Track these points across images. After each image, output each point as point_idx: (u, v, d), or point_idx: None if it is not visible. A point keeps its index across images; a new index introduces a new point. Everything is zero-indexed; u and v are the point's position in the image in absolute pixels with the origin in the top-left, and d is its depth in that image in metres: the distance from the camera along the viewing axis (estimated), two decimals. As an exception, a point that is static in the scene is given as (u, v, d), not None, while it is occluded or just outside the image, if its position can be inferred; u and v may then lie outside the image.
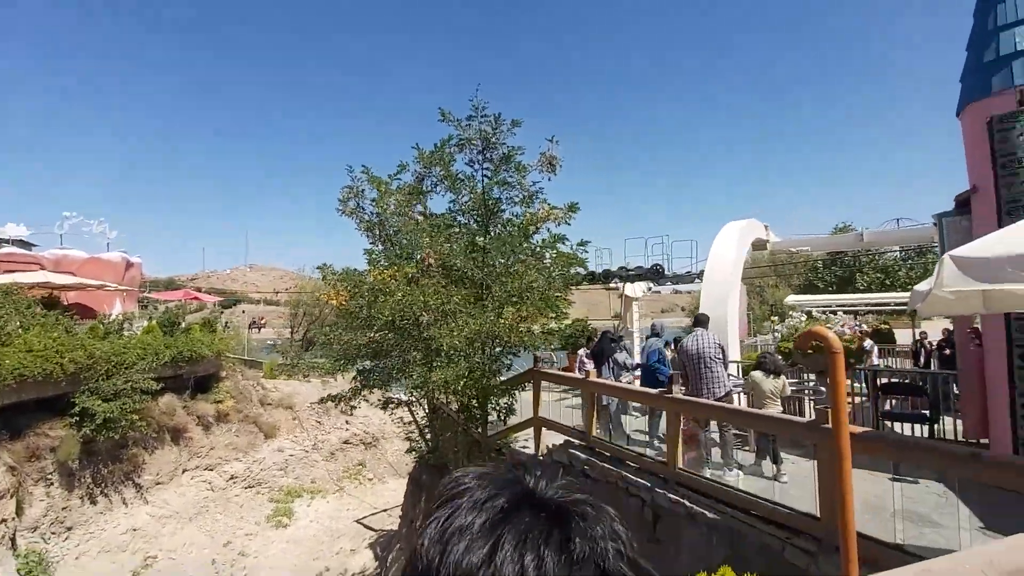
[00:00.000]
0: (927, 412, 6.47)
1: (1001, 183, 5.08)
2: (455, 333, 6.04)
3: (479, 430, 8.20)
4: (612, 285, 14.16)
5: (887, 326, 14.37)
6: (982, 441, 5.57)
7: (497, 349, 7.15)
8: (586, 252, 7.92)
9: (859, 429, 3.68)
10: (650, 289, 14.85)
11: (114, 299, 20.91)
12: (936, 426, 6.66)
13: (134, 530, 14.06)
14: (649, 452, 6.07)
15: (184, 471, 16.56)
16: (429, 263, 6.42)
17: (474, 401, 7.58)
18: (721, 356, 5.62)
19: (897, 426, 7.05)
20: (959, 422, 6.43)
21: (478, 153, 7.57)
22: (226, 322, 39.23)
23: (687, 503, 5.00)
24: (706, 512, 4.79)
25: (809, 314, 9.85)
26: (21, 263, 18.75)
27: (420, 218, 8.00)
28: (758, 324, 21.25)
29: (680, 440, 5.38)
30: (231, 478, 18.03)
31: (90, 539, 13.00)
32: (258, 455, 19.31)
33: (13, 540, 11.19)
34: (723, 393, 5.56)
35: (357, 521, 18.24)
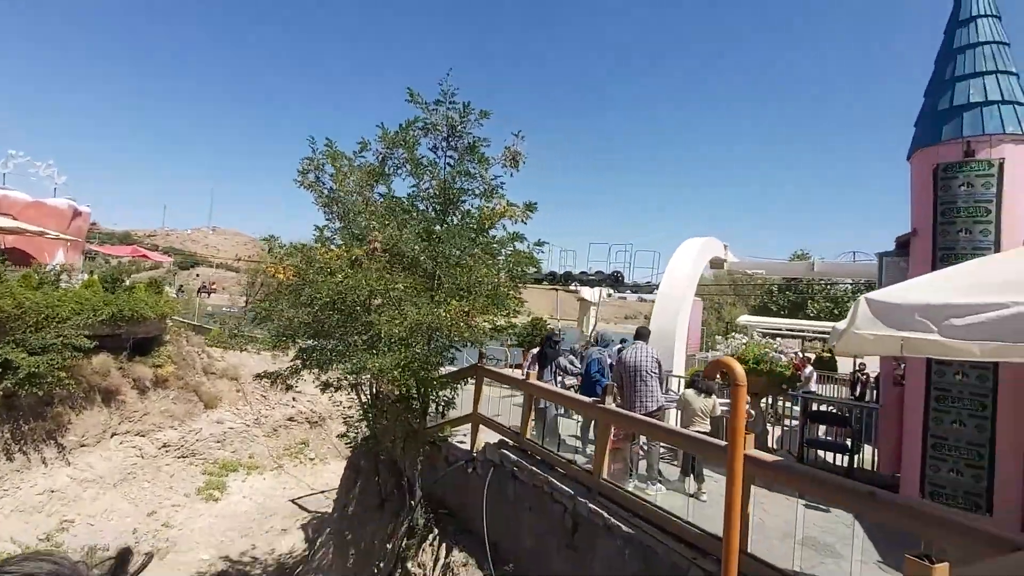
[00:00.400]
0: (849, 442, 6.67)
1: (939, 229, 5.23)
2: (396, 321, 5.89)
3: (418, 421, 8.07)
4: (572, 288, 14.19)
5: (830, 354, 14.86)
6: (896, 475, 5.78)
7: (441, 342, 7.01)
8: (543, 252, 7.86)
9: (769, 457, 3.73)
10: (611, 295, 14.95)
11: (56, 248, 19.83)
12: (857, 456, 6.88)
13: (52, 491, 13.40)
14: (579, 459, 6.07)
15: (113, 435, 15.87)
16: (375, 247, 6.24)
17: (412, 391, 7.44)
18: (657, 371, 5.65)
19: (822, 454, 7.28)
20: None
21: (443, 139, 7.40)
22: (180, 285, 37.80)
23: (605, 514, 5.00)
24: (621, 525, 4.80)
25: (751, 336, 10.02)
26: (-47, 200, 17.58)
27: (379, 199, 7.78)
28: (712, 340, 21.71)
29: (607, 451, 5.38)
30: (163, 446, 17.39)
31: (3, 496, 12.33)
32: (195, 425, 18.66)
33: (-88, 493, 10.51)
34: (655, 407, 5.59)
35: (292, 501, 17.87)
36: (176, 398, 18.69)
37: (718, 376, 5.53)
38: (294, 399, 21.67)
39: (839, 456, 6.84)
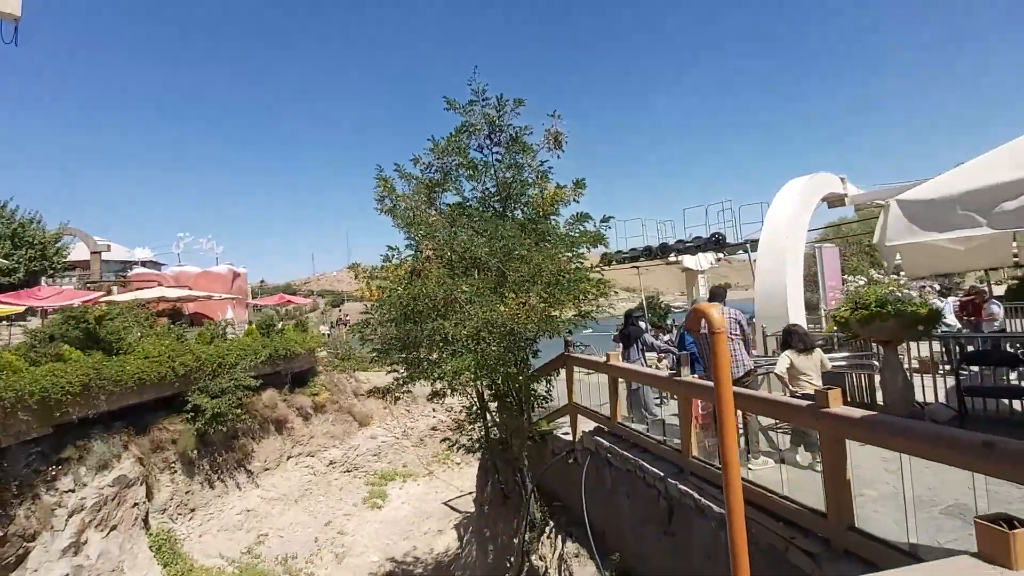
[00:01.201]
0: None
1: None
2: (459, 325, 6.00)
3: (523, 417, 8.17)
4: (672, 259, 13.30)
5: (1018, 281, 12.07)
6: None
7: (517, 338, 6.99)
8: (609, 228, 7.49)
9: (856, 412, 3.09)
10: (719, 260, 13.75)
11: (225, 306, 23.41)
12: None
13: (247, 511, 15.82)
14: (674, 440, 5.64)
15: (288, 458, 18.31)
16: (427, 255, 6.42)
17: (503, 389, 7.53)
18: (739, 332, 5.01)
19: (999, 402, 5.91)
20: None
21: (486, 137, 7.41)
22: (331, 322, 42.57)
23: (696, 495, 4.57)
24: (713, 505, 4.34)
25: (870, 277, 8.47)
26: (147, 281, 21.60)
27: (444, 209, 8.01)
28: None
29: (694, 426, 4.92)
30: (330, 463, 19.64)
31: (210, 519, 14.83)
32: (353, 442, 20.84)
33: (146, 520, 13.05)
34: (741, 373, 4.96)
35: (444, 503, 19.08)
36: (334, 420, 21.04)
37: (694, 327, 4.86)
38: (434, 410, 23.17)
39: (1011, 404, 5.50)
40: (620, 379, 6.46)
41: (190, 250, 23.60)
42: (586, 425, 7.39)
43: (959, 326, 9.27)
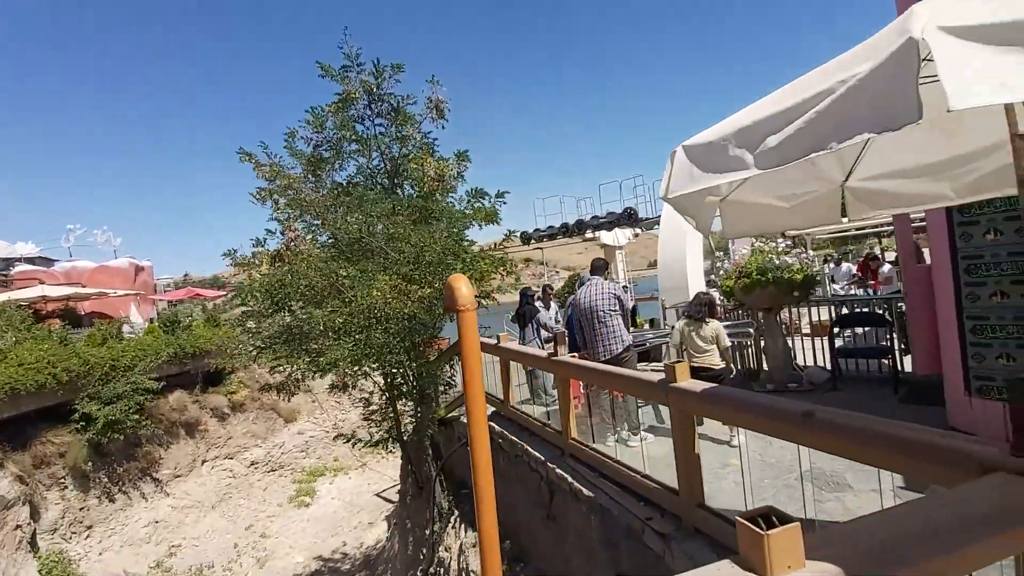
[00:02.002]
0: (888, 345, 5.51)
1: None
2: (334, 312, 5.53)
3: (424, 405, 7.83)
4: (589, 236, 13.23)
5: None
6: (938, 375, 4.63)
7: (412, 323, 6.57)
8: (503, 203, 7.16)
9: (697, 386, 2.93)
10: (636, 235, 13.82)
11: (128, 304, 21.52)
12: (907, 359, 5.71)
13: (156, 522, 14.73)
14: (556, 422, 5.45)
15: (203, 462, 17.19)
16: (292, 236, 5.89)
17: (398, 378, 7.14)
18: (618, 307, 4.84)
19: (862, 364, 6.12)
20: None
21: (365, 107, 6.85)
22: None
23: (570, 478, 4.39)
24: (583, 488, 4.17)
25: (804, 246, 8.67)
26: (30, 279, 19.48)
27: (331, 188, 7.40)
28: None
29: (572, 407, 4.73)
30: (252, 464, 18.63)
31: (112, 535, 13.68)
32: (278, 439, 19.87)
33: (32, 543, 11.81)
34: (621, 349, 4.81)
35: (377, 495, 18.60)
36: (256, 418, 19.94)
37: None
38: (364, 400, 22.46)
39: (880, 363, 5.69)
40: (513, 361, 6.21)
41: (83, 243, 21.41)
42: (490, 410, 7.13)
43: (852, 291, 9.67)
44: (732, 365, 4.91)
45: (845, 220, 2.69)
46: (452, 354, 7.91)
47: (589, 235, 13.15)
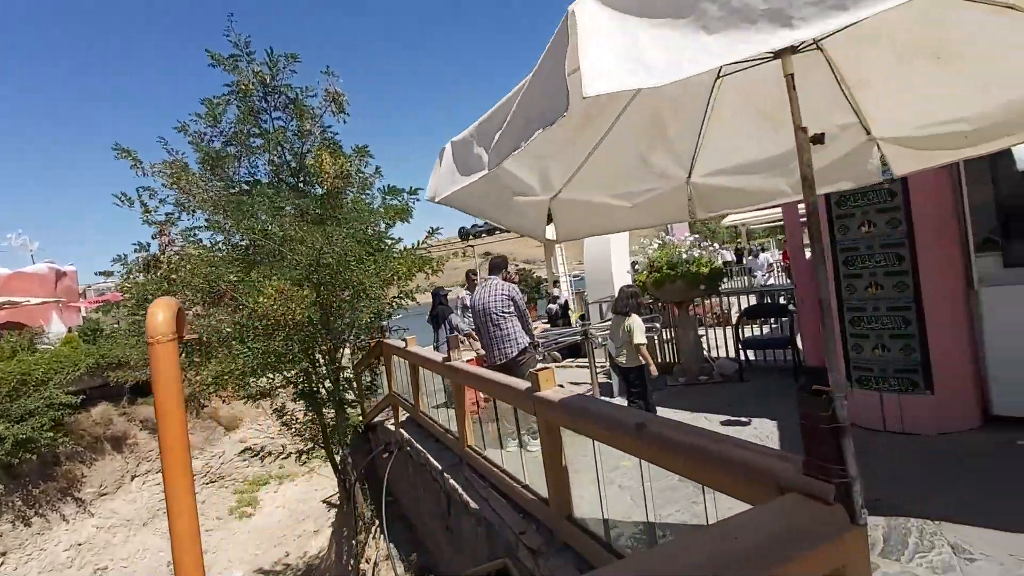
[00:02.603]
0: (790, 335, 5.56)
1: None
2: (220, 322, 5.16)
3: (339, 413, 7.56)
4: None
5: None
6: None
7: (313, 329, 6.24)
8: (417, 200, 6.89)
9: (553, 395, 2.78)
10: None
11: (49, 312, 20.13)
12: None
13: (79, 544, 13.84)
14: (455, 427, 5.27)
15: (132, 478, 16.26)
16: (166, 241, 5.48)
17: (312, 387, 6.83)
18: (512, 308, 4.67)
19: (769, 354, 6.18)
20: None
21: (261, 100, 6.44)
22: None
23: (459, 488, 4.21)
24: (470, 501, 3.99)
25: (740, 235, 8.70)
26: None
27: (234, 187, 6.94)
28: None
29: (467, 412, 4.54)
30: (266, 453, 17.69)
31: (29, 562, 12.77)
32: (217, 449, 19.01)
33: (-69, 576, 10.88)
34: (515, 352, 4.64)
35: (324, 501, 18.07)
36: (193, 427, 19.02)
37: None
38: (275, 412, 21.74)
39: (780, 353, 5.75)
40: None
41: (-4, 249, 19.84)
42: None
43: (771, 280, 9.87)
44: (648, 362, 4.78)
45: (697, 217, 2.58)
46: (370, 359, 7.63)
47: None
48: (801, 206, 4.87)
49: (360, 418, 7.34)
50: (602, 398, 4.50)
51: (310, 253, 5.68)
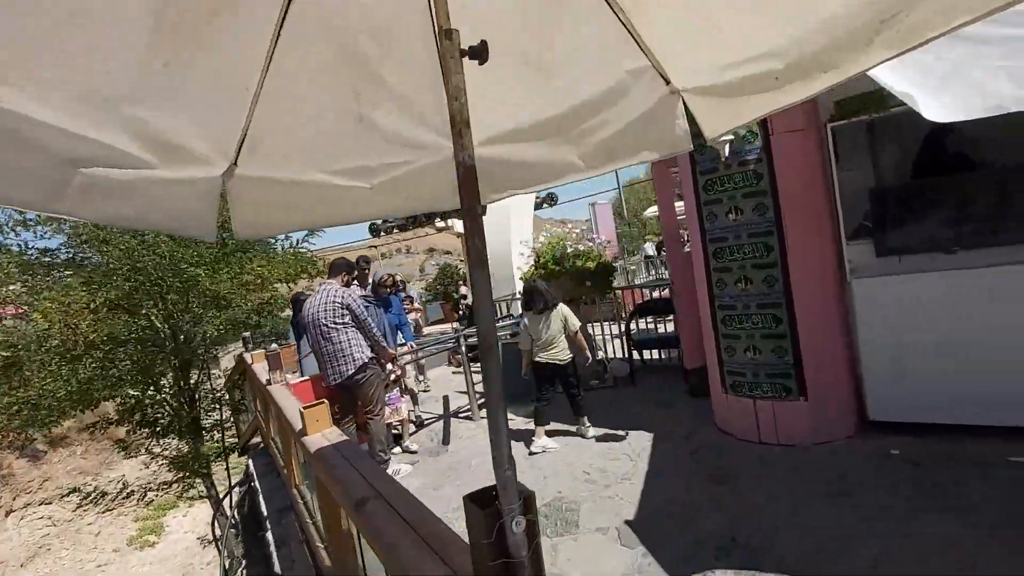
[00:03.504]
0: (677, 334, 5.12)
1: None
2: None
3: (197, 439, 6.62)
4: (442, 224, 12.33)
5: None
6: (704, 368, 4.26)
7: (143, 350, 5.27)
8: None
9: (315, 443, 2.11)
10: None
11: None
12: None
13: (-65, 597, 12.09)
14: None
15: (8, 513, 14.47)
16: None
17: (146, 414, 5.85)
18: (348, 318, 3.95)
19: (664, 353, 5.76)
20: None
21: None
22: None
23: (273, 544, 3.48)
24: (279, 562, 3.28)
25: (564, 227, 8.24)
26: None
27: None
28: (635, 244, 20.04)
29: (292, 444, 3.79)
30: (79, 507, 15.97)
31: None
32: (115, 473, 17.24)
33: None
34: (353, 370, 3.94)
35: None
36: (86, 452, 17.20)
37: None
38: (118, 443, 20.21)
39: (672, 353, 5.33)
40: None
41: None
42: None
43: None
44: (585, 348, 4.29)
45: (483, 201, 1.96)
46: (233, 377, 6.71)
47: (440, 223, 12.24)
48: (679, 191, 4.40)
49: (217, 445, 6.41)
50: (363, 448, 3.88)
51: (122, 256, 4.73)
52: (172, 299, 5.28)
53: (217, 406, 6.76)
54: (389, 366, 4.49)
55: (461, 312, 9.57)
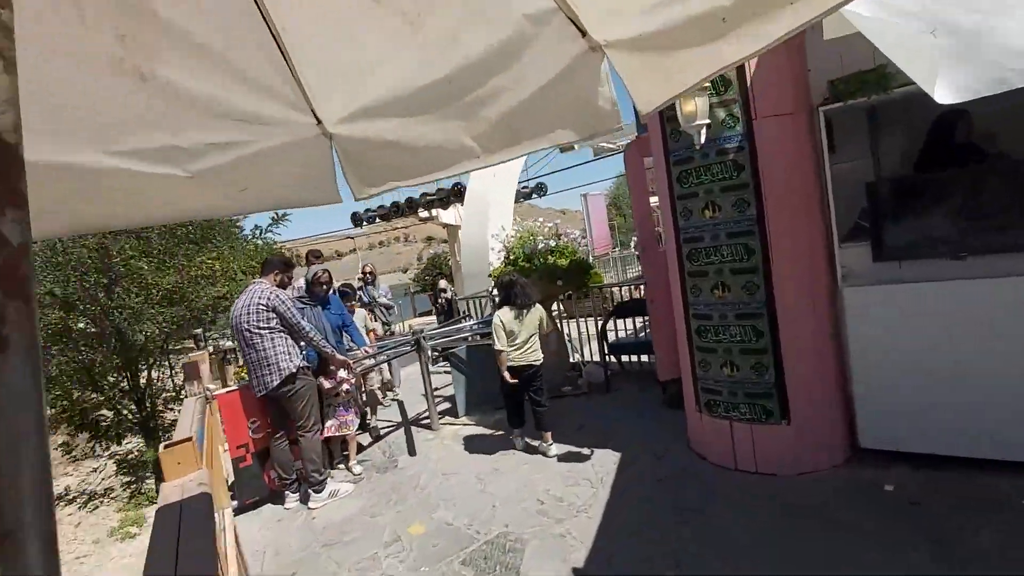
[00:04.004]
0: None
1: None
2: None
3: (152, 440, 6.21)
4: (426, 215, 11.86)
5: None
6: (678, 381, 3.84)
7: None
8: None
9: (173, 494, 1.72)
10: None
11: None
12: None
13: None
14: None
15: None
16: None
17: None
18: (274, 322, 3.49)
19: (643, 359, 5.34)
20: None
21: None
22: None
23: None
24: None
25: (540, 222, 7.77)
26: None
27: None
28: (630, 235, 19.58)
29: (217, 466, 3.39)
30: (56, 498, 15.71)
31: None
32: (96, 462, 16.98)
33: None
34: (278, 381, 3.49)
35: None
36: (63, 438, 16.87)
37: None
38: (62, 446, 19.85)
39: (652, 357, 4.91)
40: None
41: None
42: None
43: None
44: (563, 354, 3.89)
45: (359, 196, 1.54)
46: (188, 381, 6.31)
47: (424, 213, 11.78)
48: (653, 182, 3.95)
49: (151, 452, 6.00)
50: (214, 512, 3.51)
51: (44, 248, 4.29)
52: (104, 295, 4.86)
53: (174, 407, 6.36)
54: (342, 373, 4.07)
55: (439, 306, 9.15)
